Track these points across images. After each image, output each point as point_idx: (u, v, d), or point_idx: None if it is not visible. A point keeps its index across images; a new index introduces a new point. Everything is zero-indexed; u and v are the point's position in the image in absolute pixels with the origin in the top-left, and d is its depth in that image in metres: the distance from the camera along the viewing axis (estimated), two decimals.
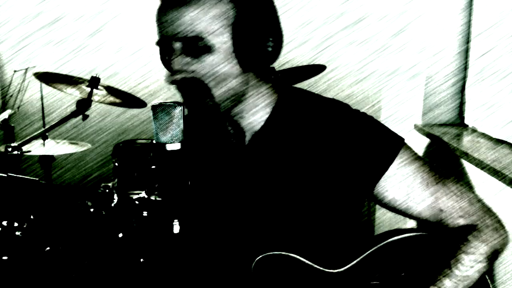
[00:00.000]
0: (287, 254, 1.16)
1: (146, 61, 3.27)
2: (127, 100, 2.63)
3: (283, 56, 1.20)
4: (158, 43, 1.14)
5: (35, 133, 2.27)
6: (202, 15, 1.07)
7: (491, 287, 1.18)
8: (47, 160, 2.66)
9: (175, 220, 1.05)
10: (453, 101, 2.71)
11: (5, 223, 1.76)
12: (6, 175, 1.81)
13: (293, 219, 1.17)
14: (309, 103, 1.21)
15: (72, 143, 2.84)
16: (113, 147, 2.43)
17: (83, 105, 2.33)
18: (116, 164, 2.35)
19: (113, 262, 1.83)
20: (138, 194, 2.04)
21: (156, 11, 1.12)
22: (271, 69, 1.24)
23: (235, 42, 1.09)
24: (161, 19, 1.10)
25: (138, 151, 2.38)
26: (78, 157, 3.27)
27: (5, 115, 2.62)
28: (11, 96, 2.88)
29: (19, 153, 2.12)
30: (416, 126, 2.74)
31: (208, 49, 1.08)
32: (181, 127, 1.04)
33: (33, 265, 1.75)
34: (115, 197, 1.96)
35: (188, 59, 1.10)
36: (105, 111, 3.24)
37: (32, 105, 3.22)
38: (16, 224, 1.77)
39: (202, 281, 1.27)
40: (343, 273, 1.18)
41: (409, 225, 1.24)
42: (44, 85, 2.65)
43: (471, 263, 1.12)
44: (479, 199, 1.17)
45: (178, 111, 1.03)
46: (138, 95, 2.72)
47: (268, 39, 1.12)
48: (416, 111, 2.79)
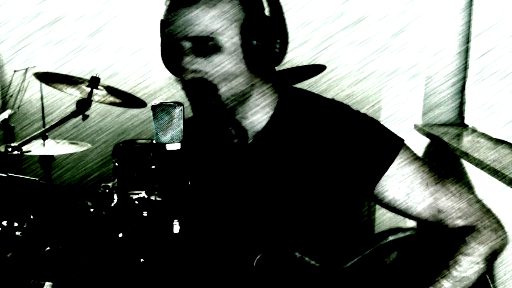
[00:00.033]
0: (288, 252, 1.16)
1: (146, 61, 3.27)
2: (127, 100, 2.63)
3: None
4: (165, 42, 1.13)
5: (35, 133, 2.27)
6: (212, 15, 1.07)
7: (491, 287, 1.18)
8: (47, 160, 2.66)
9: (175, 220, 1.05)
10: (453, 101, 2.71)
11: (5, 223, 1.76)
12: (6, 175, 1.81)
13: (294, 218, 1.18)
14: (310, 103, 1.22)
15: (72, 143, 2.84)
16: (113, 147, 2.42)
17: (83, 105, 2.33)
18: (116, 164, 2.35)
19: (113, 262, 1.83)
20: (138, 194, 2.04)
21: (164, 10, 1.12)
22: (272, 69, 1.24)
23: (243, 42, 1.10)
24: (170, 18, 1.10)
25: (138, 151, 2.38)
26: (78, 157, 3.27)
27: (5, 115, 2.62)
28: (11, 96, 2.88)
29: (19, 153, 2.12)
30: (416, 126, 2.74)
31: (217, 49, 1.09)
32: (181, 127, 1.04)
33: (33, 265, 1.75)
34: (115, 197, 1.96)
35: (198, 59, 1.10)
36: (105, 111, 3.24)
37: (32, 105, 3.22)
38: (16, 224, 1.77)
39: (202, 281, 1.27)
40: (343, 271, 1.18)
41: (409, 225, 1.24)
42: (44, 85, 2.66)
43: (469, 264, 1.12)
44: (478, 200, 1.17)
45: (178, 111, 1.03)
46: (138, 95, 2.72)
47: (276, 40, 1.12)
48: (416, 111, 2.79)
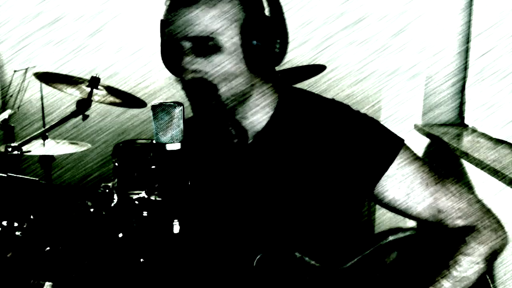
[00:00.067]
0: (288, 252, 1.16)
1: (146, 61, 3.27)
2: (127, 100, 2.63)
3: None
4: (165, 42, 1.13)
5: (35, 133, 2.27)
6: (212, 15, 1.07)
7: (492, 287, 1.18)
8: (47, 160, 2.66)
9: (175, 220, 1.05)
10: (453, 101, 2.71)
11: (5, 223, 1.76)
12: (6, 175, 1.81)
13: (294, 218, 1.18)
14: (310, 103, 1.22)
15: (72, 143, 2.84)
16: (113, 147, 2.42)
17: (83, 105, 2.33)
18: (116, 164, 2.35)
19: (113, 262, 1.83)
20: (138, 194, 2.04)
21: (164, 10, 1.12)
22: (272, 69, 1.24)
23: (243, 42, 1.10)
24: (170, 18, 1.10)
25: (138, 151, 2.38)
26: (78, 157, 3.27)
27: (5, 115, 2.62)
28: (11, 96, 2.88)
29: (19, 153, 2.12)
30: (416, 126, 2.74)
31: (217, 49, 1.09)
32: (181, 127, 1.04)
33: (33, 265, 1.75)
34: (115, 197, 1.96)
35: (198, 59, 1.10)
36: (105, 111, 3.24)
37: (32, 105, 3.22)
38: (16, 224, 1.77)
39: (202, 281, 1.27)
40: (343, 271, 1.18)
41: (409, 225, 1.24)
42: (44, 85, 2.65)
43: (469, 264, 1.12)
44: (478, 200, 1.17)
45: (178, 111, 1.03)
46: (138, 95, 2.72)
47: (276, 40, 1.12)
48: (416, 111, 2.79)
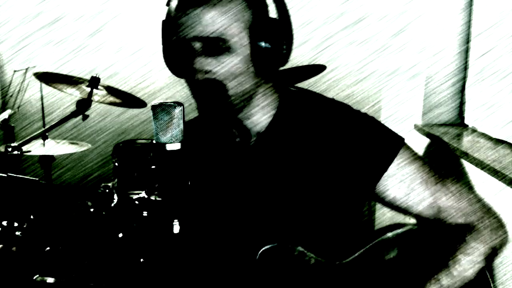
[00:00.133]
0: (290, 247, 1.16)
1: (146, 61, 3.27)
2: (127, 100, 2.63)
3: None
4: (172, 42, 1.13)
5: (35, 133, 2.26)
6: (223, 15, 1.07)
7: (492, 287, 1.18)
8: (47, 160, 2.66)
9: (175, 220, 1.05)
10: (453, 101, 2.71)
11: (5, 223, 1.76)
12: (6, 175, 1.81)
13: (296, 217, 1.18)
14: (311, 103, 1.22)
15: (72, 143, 2.84)
16: (113, 147, 2.42)
17: (83, 105, 2.33)
18: (116, 164, 2.34)
19: (113, 262, 1.83)
20: (138, 194, 2.04)
21: (170, 10, 1.11)
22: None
23: (252, 43, 1.10)
24: (180, 19, 1.09)
25: (138, 151, 2.37)
26: (78, 157, 3.27)
27: (5, 115, 2.62)
28: (11, 96, 2.88)
29: (19, 153, 2.12)
30: (416, 126, 2.74)
31: (227, 49, 1.09)
32: (181, 127, 1.04)
33: (33, 265, 1.75)
34: (115, 197, 1.96)
35: (209, 59, 1.10)
36: (105, 111, 3.24)
37: (32, 105, 3.22)
38: (16, 224, 1.77)
39: (202, 281, 1.27)
40: (344, 266, 1.18)
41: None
42: (44, 85, 2.65)
43: (469, 263, 1.12)
44: (478, 199, 1.17)
45: (178, 111, 1.03)
46: (138, 95, 2.72)
47: (283, 41, 1.13)
48: (416, 111, 2.79)
